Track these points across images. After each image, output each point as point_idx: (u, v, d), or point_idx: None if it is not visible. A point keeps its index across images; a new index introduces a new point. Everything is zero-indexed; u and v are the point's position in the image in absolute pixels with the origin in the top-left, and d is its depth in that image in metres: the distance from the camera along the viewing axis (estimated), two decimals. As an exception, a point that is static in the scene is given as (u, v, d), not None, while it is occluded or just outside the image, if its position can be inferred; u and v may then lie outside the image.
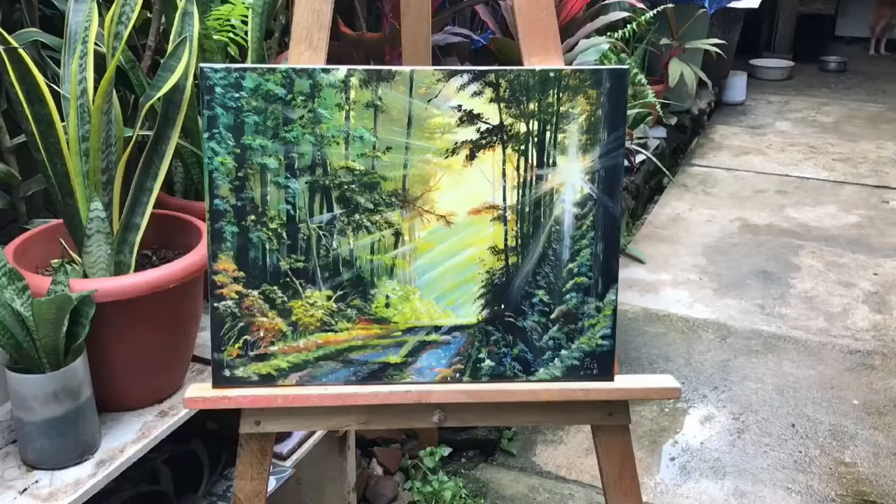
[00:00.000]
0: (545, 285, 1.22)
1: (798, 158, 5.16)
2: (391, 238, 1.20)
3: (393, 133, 1.17)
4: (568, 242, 1.21)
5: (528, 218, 1.20)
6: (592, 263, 1.21)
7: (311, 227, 1.18)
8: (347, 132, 1.16)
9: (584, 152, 1.18)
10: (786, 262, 3.76)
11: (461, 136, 1.17)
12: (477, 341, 1.22)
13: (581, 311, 1.22)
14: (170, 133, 1.31)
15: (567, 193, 1.20)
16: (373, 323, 1.21)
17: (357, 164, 1.17)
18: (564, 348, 1.23)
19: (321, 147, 1.16)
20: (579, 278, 1.21)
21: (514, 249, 1.21)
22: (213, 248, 1.17)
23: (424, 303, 1.21)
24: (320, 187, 1.18)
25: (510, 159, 1.18)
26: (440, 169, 1.18)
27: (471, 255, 1.21)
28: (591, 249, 1.21)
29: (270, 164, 1.16)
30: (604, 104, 1.18)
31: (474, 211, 1.20)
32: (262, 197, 1.17)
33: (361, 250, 1.20)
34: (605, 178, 1.19)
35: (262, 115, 1.15)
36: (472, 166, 1.18)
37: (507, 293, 1.22)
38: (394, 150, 1.17)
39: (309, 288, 1.20)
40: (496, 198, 1.19)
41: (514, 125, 1.18)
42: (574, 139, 1.18)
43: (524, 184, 1.19)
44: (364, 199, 1.18)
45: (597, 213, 1.20)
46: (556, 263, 1.21)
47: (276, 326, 1.20)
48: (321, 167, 1.17)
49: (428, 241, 1.20)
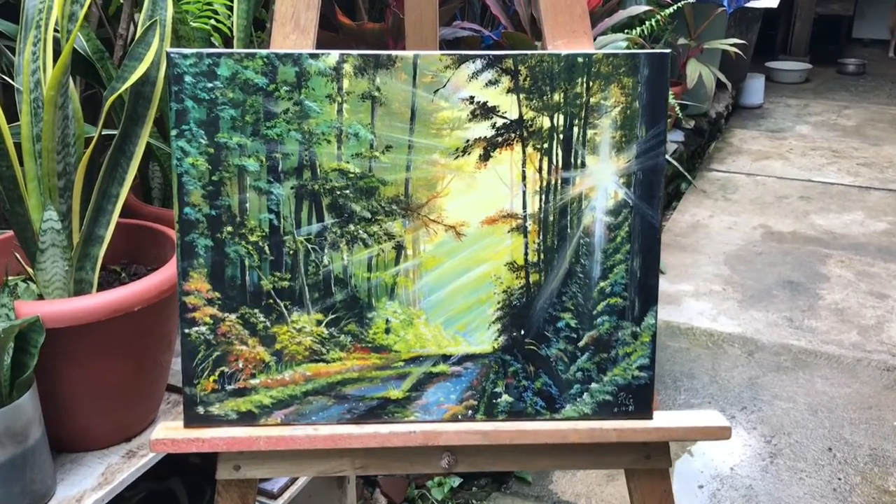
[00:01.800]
0: (572, 307, 1.04)
1: (821, 163, 4.97)
2: (392, 252, 1.02)
3: (393, 129, 0.99)
4: (599, 257, 1.03)
5: (552, 228, 1.02)
6: (628, 282, 1.03)
7: (297, 239, 1.01)
8: (340, 128, 0.99)
9: (619, 151, 1.01)
10: (813, 271, 3.57)
11: (473, 133, 1.00)
12: (492, 373, 1.04)
13: (615, 338, 1.04)
14: (138, 131, 1.14)
15: (598, 199, 1.02)
16: (370, 352, 1.04)
17: (351, 166, 1.00)
18: (595, 381, 1.05)
19: (309, 146, 0.99)
20: (613, 299, 1.04)
21: (535, 265, 1.03)
22: (184, 265, 1.00)
23: (431, 328, 1.04)
24: (308, 193, 1.00)
25: (531, 160, 1.01)
26: (449, 171, 1.00)
27: (485, 273, 1.03)
28: (626, 265, 1.03)
29: (250, 166, 0.99)
30: (641, 95, 1.00)
31: (489, 220, 1.02)
32: (241, 205, 0.99)
33: (357, 267, 1.02)
34: (642, 181, 1.01)
35: (239, 108, 0.98)
36: (486, 168, 1.01)
37: (527, 317, 1.04)
38: (394, 150, 1.00)
39: (296, 311, 1.02)
40: (515, 205, 1.02)
41: (535, 120, 1.00)
42: (606, 136, 1.01)
43: (548, 188, 1.02)
44: (360, 206, 1.01)
45: (633, 223, 1.02)
46: (585, 282, 1.03)
47: (258, 356, 1.02)
48: (309, 170, 1.00)
49: (435, 255, 1.02)
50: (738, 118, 5.88)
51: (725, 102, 5.50)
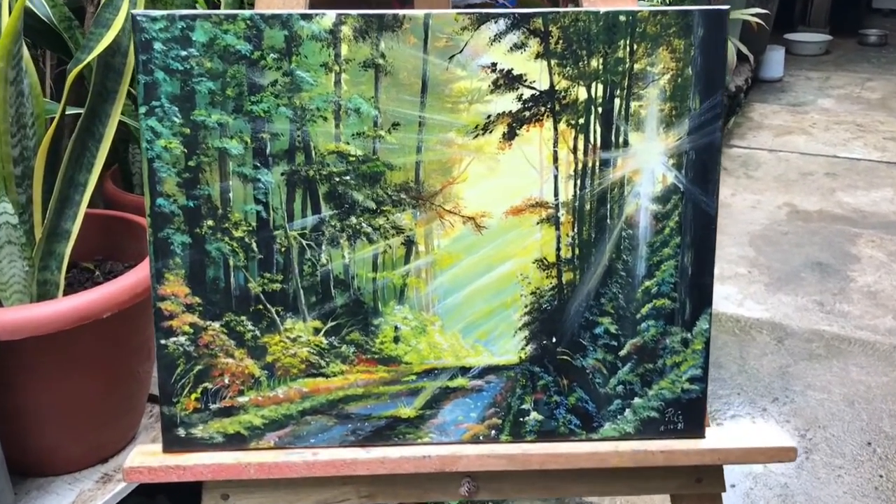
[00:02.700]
0: (612, 311, 0.89)
1: (845, 138, 4.78)
2: (401, 249, 0.87)
3: (401, 104, 0.84)
4: (644, 252, 0.88)
5: (588, 219, 0.87)
6: (678, 280, 0.88)
7: (290, 234, 0.86)
8: (338, 103, 0.84)
9: (668, 127, 0.85)
10: (842, 252, 3.40)
11: (496, 107, 0.84)
12: (519, 387, 0.90)
13: (661, 346, 0.89)
14: (108, 109, 0.99)
15: (643, 184, 0.86)
16: (377, 364, 0.89)
17: (352, 148, 0.85)
18: (638, 395, 0.90)
19: (302, 125, 0.84)
20: (659, 301, 0.89)
21: (569, 262, 0.88)
22: (158, 266, 0.85)
23: (447, 336, 0.89)
24: (302, 180, 0.85)
25: (564, 138, 0.85)
26: (467, 153, 0.85)
27: (510, 271, 0.88)
28: (675, 261, 0.87)
29: (232, 149, 0.84)
30: (695, 59, 0.84)
31: (515, 210, 0.87)
32: (223, 194, 0.85)
33: (360, 266, 0.87)
34: (695, 162, 0.86)
35: (219, 80, 0.83)
36: (511, 149, 0.85)
37: (559, 322, 0.89)
38: (403, 128, 0.84)
39: (289, 318, 0.88)
40: (545, 192, 0.86)
41: (569, 90, 0.84)
42: (653, 109, 0.85)
43: (584, 172, 0.86)
44: (362, 195, 0.86)
45: (684, 212, 0.87)
46: (627, 281, 0.88)
47: (247, 370, 0.88)
48: (303, 152, 0.85)
49: (451, 252, 0.87)
50: (758, 92, 5.68)
51: (745, 76, 5.30)
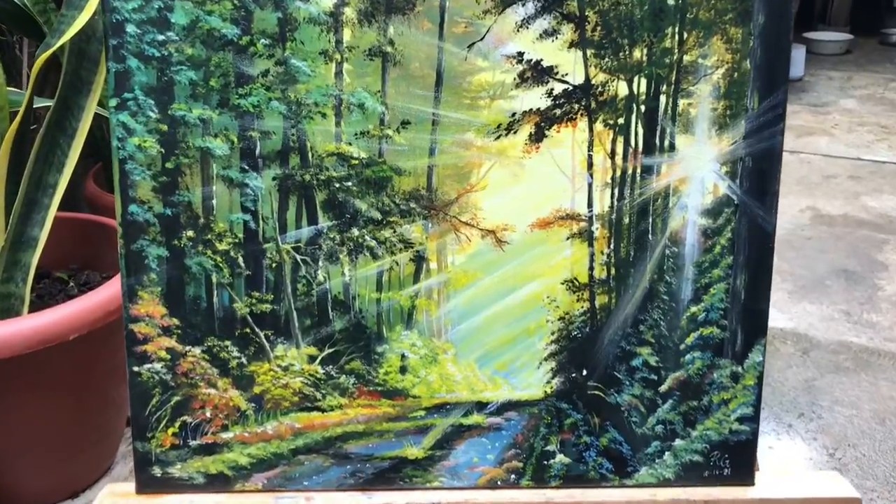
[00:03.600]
0: (652, 340, 0.77)
1: (869, 140, 4.63)
2: (409, 266, 0.76)
3: (412, 99, 0.73)
4: (691, 273, 0.76)
5: (627, 234, 0.75)
6: (728, 306, 0.76)
7: (282, 248, 0.75)
8: (339, 97, 0.72)
9: (721, 129, 0.73)
10: (869, 258, 3.27)
11: (522, 104, 0.73)
12: (544, 425, 0.78)
13: (708, 380, 0.78)
14: (83, 101, 0.88)
15: (691, 195, 0.75)
16: (381, 397, 0.78)
17: (355, 150, 0.73)
18: (680, 436, 0.78)
19: (297, 121, 0.73)
20: (707, 329, 0.77)
21: (603, 284, 0.76)
22: (131, 283, 0.74)
23: (462, 366, 0.77)
24: (296, 186, 0.74)
25: (601, 140, 0.74)
26: (487, 156, 0.74)
27: (535, 293, 0.76)
28: (726, 284, 0.76)
29: (217, 149, 0.73)
30: (754, 51, 0.73)
31: (542, 223, 0.75)
32: (205, 201, 0.73)
33: (362, 285, 0.76)
34: (751, 170, 0.74)
35: (201, 69, 0.71)
36: (538, 152, 0.74)
37: (591, 352, 0.77)
38: (414, 127, 0.73)
39: (281, 344, 0.76)
40: (577, 202, 0.75)
41: (608, 85, 0.73)
42: (704, 108, 0.73)
43: (622, 180, 0.75)
44: (366, 204, 0.74)
45: (738, 227, 0.75)
46: (670, 306, 0.77)
47: (231, 402, 0.77)
48: (298, 154, 0.73)
49: (468, 270, 0.76)
50: (778, 92, 5.54)
51: (765, 75, 5.16)
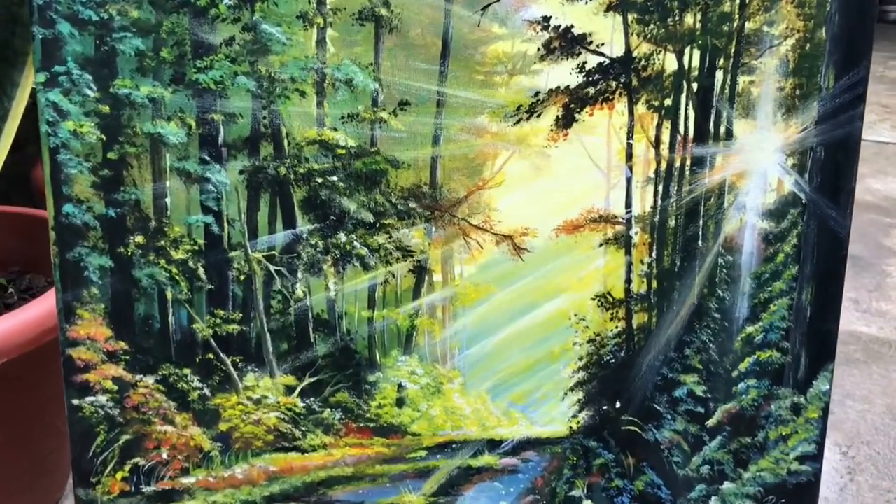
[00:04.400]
0: (700, 366, 0.64)
1: (871, 120, 4.51)
2: (408, 278, 0.63)
3: (412, 74, 0.59)
4: (748, 286, 0.63)
5: (673, 240, 0.62)
6: (792, 325, 0.63)
7: (252, 257, 0.61)
8: (322, 72, 0.59)
9: (789, 112, 0.60)
10: (876, 244, 3.15)
11: (547, 81, 0.59)
12: (568, 467, 0.65)
13: (764, 413, 0.65)
14: (16, 77, 0.73)
15: (751, 193, 0.62)
16: (373, 435, 0.65)
17: (341, 136, 0.60)
18: (730, 479, 0.66)
19: (270, 101, 0.59)
20: (765, 353, 0.64)
21: (643, 299, 0.63)
22: (67, 300, 0.60)
23: (471, 398, 0.64)
24: (269, 181, 0.60)
25: (643, 126, 0.60)
26: (505, 145, 0.60)
27: (560, 311, 0.63)
28: (790, 300, 0.63)
29: (171, 136, 0.59)
30: (831, 18, 0.59)
31: (569, 227, 0.62)
32: (157, 200, 0.60)
33: (351, 301, 0.63)
34: (824, 162, 0.61)
35: (151, 36, 0.57)
36: (567, 140, 0.60)
37: (627, 380, 0.65)
38: (414, 109, 0.59)
39: (252, 372, 0.63)
40: (612, 201, 0.62)
41: (652, 59, 0.59)
42: (769, 87, 0.60)
43: (668, 174, 0.61)
44: (355, 203, 0.61)
45: (805, 232, 0.62)
46: (722, 326, 0.64)
47: (193, 441, 0.64)
48: (271, 142, 0.60)
49: (479, 283, 0.63)
50: (776, 70, 5.41)
51: (764, 52, 5.03)
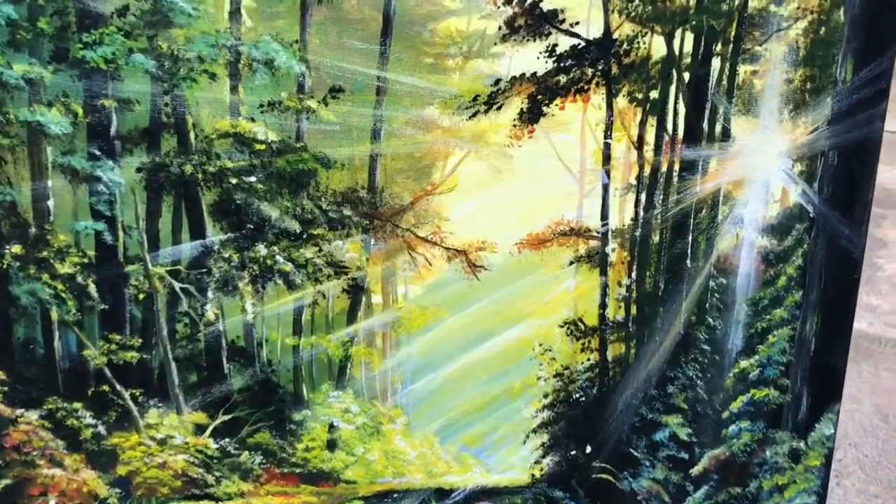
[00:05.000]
0: (685, 405, 0.55)
1: (863, 106, 4.45)
2: (342, 299, 0.53)
3: (347, 54, 0.49)
4: (744, 314, 0.54)
5: (656, 258, 0.53)
6: (793, 359, 0.54)
7: (153, 272, 0.51)
8: (236, 50, 0.48)
9: (797, 110, 0.51)
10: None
11: (511, 67, 0.49)
12: (529, 520, 0.56)
13: (758, 460, 0.56)
14: None
15: (750, 204, 0.52)
16: (299, 482, 0.55)
17: (261, 129, 0.49)
18: (716, 534, 0.57)
19: (173, 85, 0.48)
20: (760, 391, 0.55)
21: (621, 327, 0.54)
22: (-70, 317, 0.50)
23: (416, 440, 0.55)
24: (174, 181, 0.50)
25: (624, 123, 0.51)
26: (458, 143, 0.50)
27: (523, 339, 0.54)
28: (791, 329, 0.54)
29: (52, 125, 0.48)
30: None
31: (535, 240, 0.52)
32: (37, 203, 0.49)
33: (273, 326, 0.53)
34: (837, 168, 0.52)
35: (24, 3, 0.47)
36: (533, 138, 0.50)
37: (600, 421, 0.55)
38: (349, 97, 0.49)
39: (155, 407, 0.53)
40: (586, 211, 0.52)
41: (637, 41, 0.49)
42: (775, 77, 0.50)
43: (653, 181, 0.52)
44: (278, 209, 0.51)
45: (813, 251, 0.53)
46: (712, 359, 0.54)
47: (86, 487, 0.54)
48: (174, 133, 0.49)
49: (427, 306, 0.53)
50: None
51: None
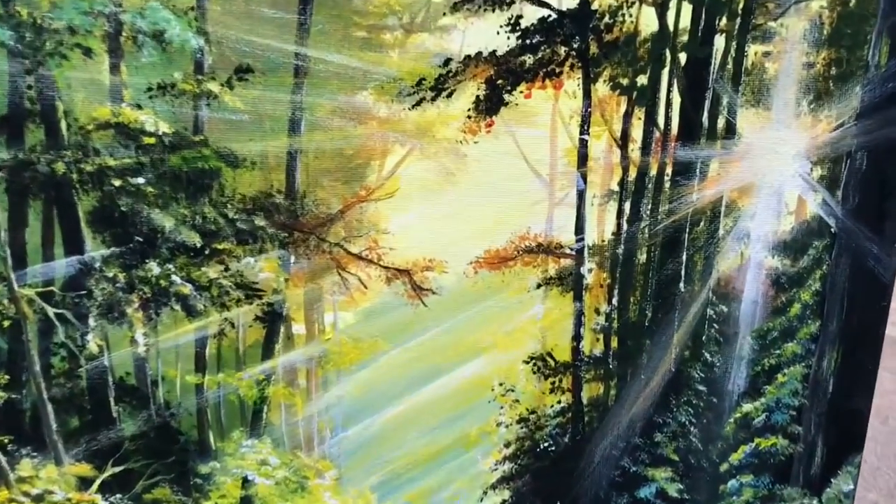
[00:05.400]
0: (675, 456, 0.46)
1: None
2: (255, 329, 0.43)
3: (256, 25, 0.38)
4: (747, 348, 0.44)
5: (642, 281, 0.43)
6: (807, 402, 0.45)
7: (20, 294, 0.41)
8: (116, 18, 0.38)
9: (818, 100, 0.41)
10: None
11: (462, 43, 0.39)
12: (486, 591, 0.47)
13: (762, 521, 0.47)
14: None
15: (758, 216, 0.43)
16: (209, 547, 0.46)
17: (150, 118, 0.39)
18: None
19: (37, 62, 0.38)
20: (767, 439, 0.46)
21: (598, 363, 0.44)
22: None
23: (350, 497, 0.45)
24: (42, 183, 0.40)
25: (604, 113, 0.41)
26: (399, 138, 0.40)
27: (479, 378, 0.45)
28: (806, 367, 0.44)
29: None
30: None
31: (494, 258, 0.43)
32: None
33: (171, 361, 0.43)
34: (865, 174, 0.42)
35: None
36: (490, 133, 0.41)
37: (572, 475, 0.46)
38: (260, 79, 0.39)
39: (28, 457, 0.44)
40: (558, 223, 0.42)
41: (620, 14, 0.39)
42: (792, 60, 0.41)
43: (640, 186, 0.42)
44: (173, 218, 0.41)
45: (833, 273, 0.43)
46: (708, 402, 0.45)
47: (-54, 551, 0.44)
48: (41, 124, 0.39)
49: (361, 338, 0.43)
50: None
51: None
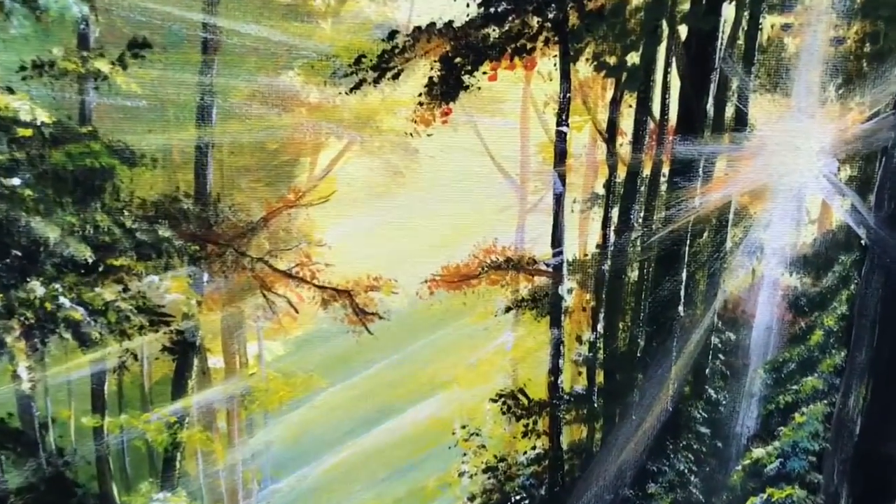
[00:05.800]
0: (673, 511, 0.37)
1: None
2: (164, 361, 0.35)
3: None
4: (758, 382, 0.38)
5: (633, 303, 0.36)
6: (829, 446, 0.37)
7: None
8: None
9: (848, 86, 0.33)
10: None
11: (411, 11, 0.31)
12: None
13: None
14: None
15: (773, 225, 0.36)
16: None
17: (25, 104, 0.31)
18: None
19: None
20: (781, 490, 0.41)
21: (580, 401, 0.38)
22: None
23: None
24: None
25: (586, 100, 0.33)
26: (334, 129, 0.32)
27: (437, 419, 0.38)
28: (828, 405, 0.38)
29: None
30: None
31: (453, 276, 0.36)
32: None
33: (62, 398, 0.35)
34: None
35: None
36: (447, 123, 0.32)
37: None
38: (160, 55, 0.31)
39: None
40: (530, 233, 0.35)
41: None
42: (817, 36, 0.33)
43: (631, 189, 0.35)
44: (58, 227, 0.33)
45: (864, 294, 0.38)
46: (712, 446, 0.38)
47: None
48: None
49: (293, 372, 0.36)
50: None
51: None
